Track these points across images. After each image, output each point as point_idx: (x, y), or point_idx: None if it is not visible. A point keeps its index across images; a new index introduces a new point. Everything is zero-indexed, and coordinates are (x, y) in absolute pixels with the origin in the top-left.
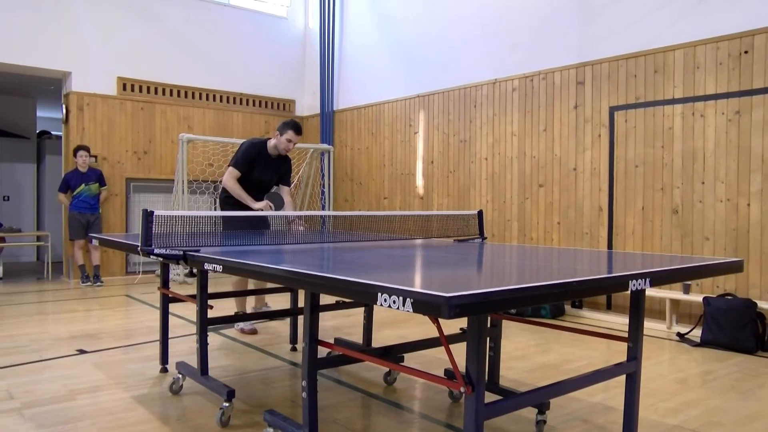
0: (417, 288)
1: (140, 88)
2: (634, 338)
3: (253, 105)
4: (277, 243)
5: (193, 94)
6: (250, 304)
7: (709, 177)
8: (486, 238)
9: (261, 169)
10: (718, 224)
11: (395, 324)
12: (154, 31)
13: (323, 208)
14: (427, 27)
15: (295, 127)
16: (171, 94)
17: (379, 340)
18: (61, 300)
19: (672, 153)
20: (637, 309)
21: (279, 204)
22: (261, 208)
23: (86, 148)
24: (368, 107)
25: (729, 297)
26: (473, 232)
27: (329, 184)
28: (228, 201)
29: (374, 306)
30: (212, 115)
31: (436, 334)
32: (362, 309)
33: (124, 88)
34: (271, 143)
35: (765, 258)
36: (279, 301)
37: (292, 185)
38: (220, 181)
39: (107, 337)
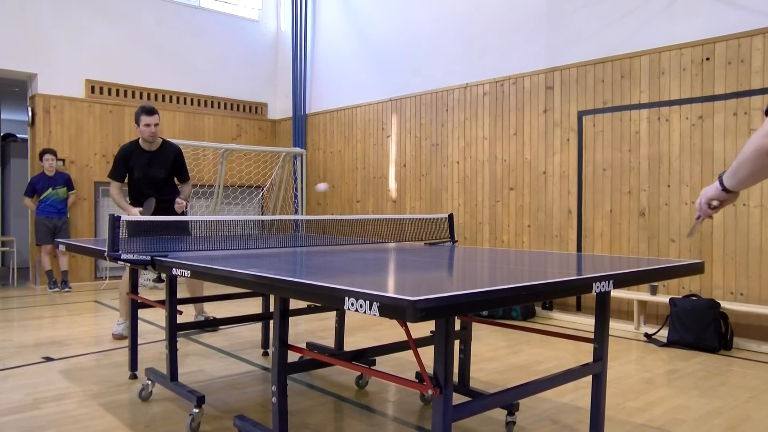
0: (383, 292)
1: (109, 90)
2: (600, 339)
3: (225, 108)
4: (248, 248)
5: (163, 96)
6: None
7: (675, 180)
8: (457, 241)
9: (140, 167)
10: (683, 226)
11: (369, 327)
12: (123, 32)
13: (296, 212)
14: (399, 31)
15: (145, 109)
16: (141, 97)
17: (352, 343)
18: (26, 306)
19: (639, 157)
20: (603, 310)
21: (149, 212)
22: (136, 214)
23: (53, 152)
24: (341, 110)
25: (694, 298)
26: (445, 236)
27: (302, 188)
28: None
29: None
30: (183, 118)
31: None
32: (335, 313)
33: (93, 91)
34: (140, 139)
35: (728, 259)
36: (251, 306)
37: (265, 188)
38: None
39: (75, 343)
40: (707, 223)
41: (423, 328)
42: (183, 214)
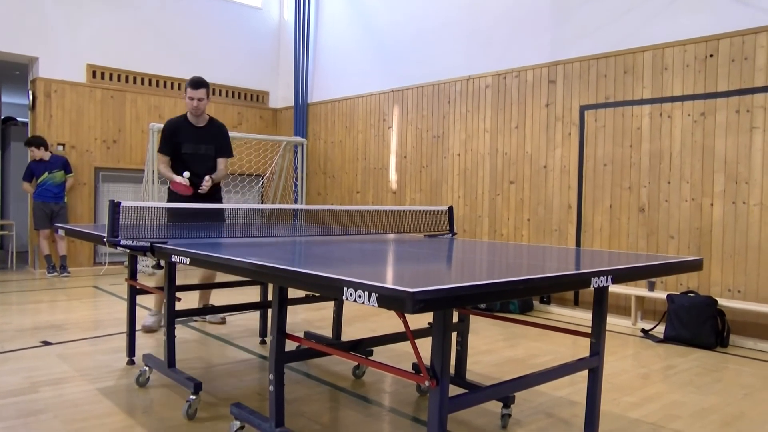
0: (382, 283)
1: (110, 75)
2: (597, 334)
3: (226, 96)
4: (249, 236)
5: (164, 83)
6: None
7: (675, 177)
8: (456, 233)
9: (189, 143)
10: (682, 223)
11: (366, 317)
12: (125, 18)
13: (296, 201)
14: (402, 22)
15: (191, 83)
16: (142, 83)
17: (349, 333)
18: (25, 290)
19: (640, 152)
20: (600, 306)
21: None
22: (182, 180)
23: (35, 143)
24: (342, 101)
25: (691, 294)
26: (444, 228)
27: (302, 177)
28: (170, 190)
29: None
30: (184, 105)
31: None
32: (333, 302)
33: (94, 76)
34: (188, 113)
35: (726, 257)
36: (248, 294)
37: (265, 177)
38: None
39: (73, 328)
40: (707, 219)
41: (420, 320)
42: (202, 190)
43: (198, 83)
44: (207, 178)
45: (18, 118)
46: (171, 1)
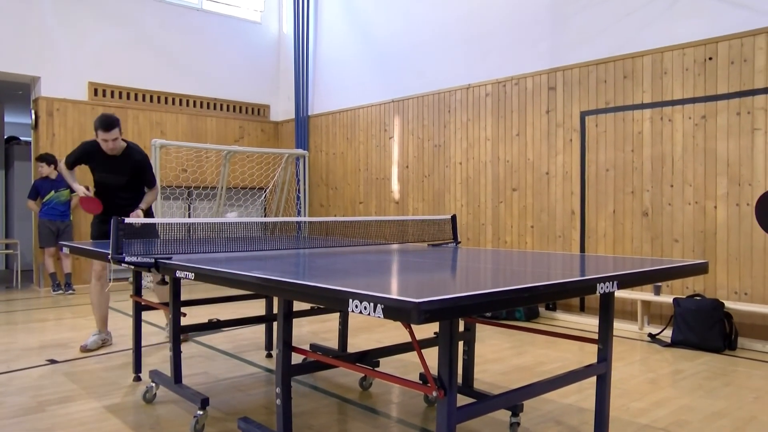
0: (387, 294)
1: (112, 93)
2: (604, 340)
3: (227, 110)
4: (252, 250)
5: (165, 99)
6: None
7: (678, 180)
8: (460, 242)
9: (102, 170)
10: (686, 226)
11: (372, 328)
12: (126, 35)
13: (299, 214)
14: (401, 32)
15: (101, 124)
16: (143, 99)
17: (356, 344)
18: (31, 309)
19: (642, 157)
20: (607, 311)
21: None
22: (87, 193)
23: (46, 159)
24: (343, 112)
25: (698, 298)
26: (448, 237)
27: (304, 189)
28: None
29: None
30: (185, 121)
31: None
32: (338, 314)
33: (96, 93)
34: None
35: (732, 259)
36: (253, 307)
37: (267, 190)
38: (194, 187)
39: (79, 346)
40: (711, 222)
41: (427, 329)
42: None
43: (109, 125)
44: (138, 212)
45: (21, 138)
46: (171, 18)
